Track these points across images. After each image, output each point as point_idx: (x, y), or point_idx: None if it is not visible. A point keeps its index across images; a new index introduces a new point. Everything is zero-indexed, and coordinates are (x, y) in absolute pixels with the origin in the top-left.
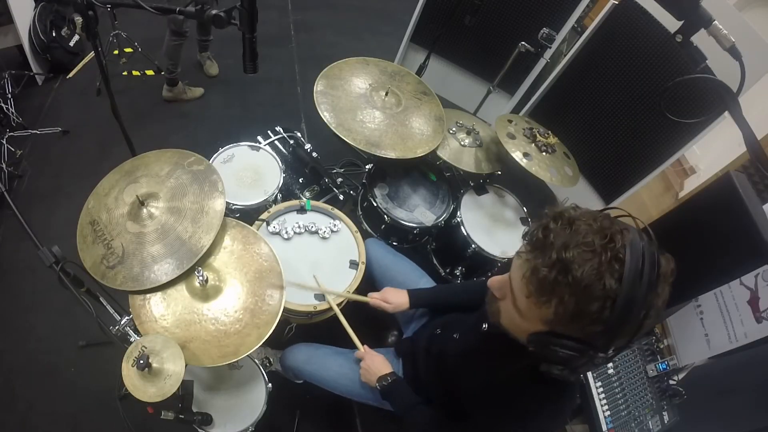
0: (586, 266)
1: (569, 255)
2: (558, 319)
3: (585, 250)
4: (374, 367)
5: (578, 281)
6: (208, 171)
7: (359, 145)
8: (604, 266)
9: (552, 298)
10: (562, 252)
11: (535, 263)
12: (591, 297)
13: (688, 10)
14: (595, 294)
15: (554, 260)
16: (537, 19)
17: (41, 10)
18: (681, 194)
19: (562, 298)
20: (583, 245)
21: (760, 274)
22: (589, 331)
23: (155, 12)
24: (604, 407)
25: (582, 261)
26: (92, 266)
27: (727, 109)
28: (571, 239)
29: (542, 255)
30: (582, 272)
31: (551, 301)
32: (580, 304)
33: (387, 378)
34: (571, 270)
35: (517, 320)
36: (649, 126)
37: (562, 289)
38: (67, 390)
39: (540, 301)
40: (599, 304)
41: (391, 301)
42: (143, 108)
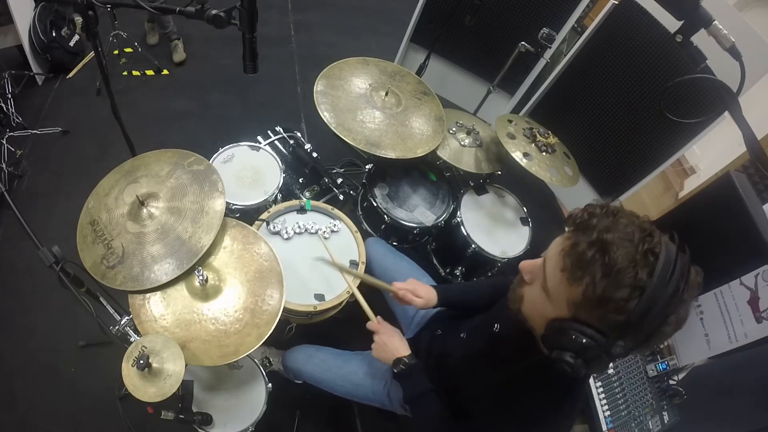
0: (623, 252)
1: (610, 237)
2: (585, 301)
3: (624, 238)
4: (391, 345)
5: (613, 263)
6: (208, 171)
7: (359, 145)
8: (639, 256)
9: (585, 275)
10: (604, 233)
11: (577, 239)
12: (621, 283)
13: (688, 10)
14: (626, 281)
15: (595, 239)
16: (537, 19)
17: (41, 10)
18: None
19: (594, 278)
20: (624, 233)
21: (760, 274)
22: (610, 320)
23: (155, 12)
24: (604, 407)
25: (620, 246)
26: (92, 266)
27: (727, 109)
28: (613, 225)
29: (584, 233)
30: (618, 256)
31: (583, 279)
32: (609, 288)
33: (404, 360)
34: (609, 251)
35: (541, 304)
36: (649, 126)
37: (596, 269)
38: (67, 390)
39: (573, 278)
40: (627, 293)
41: (422, 294)
42: (143, 108)
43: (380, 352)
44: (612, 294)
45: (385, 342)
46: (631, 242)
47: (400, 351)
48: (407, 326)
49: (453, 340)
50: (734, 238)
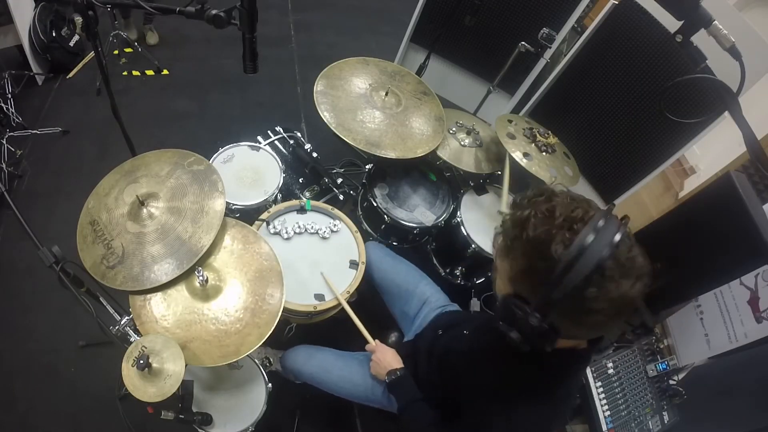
0: (539, 228)
1: (528, 214)
2: (516, 275)
3: (546, 216)
4: (385, 361)
5: (529, 240)
6: (208, 171)
7: (359, 145)
8: (557, 232)
9: (509, 253)
10: (524, 211)
11: (505, 218)
12: (539, 257)
13: (688, 10)
14: (543, 254)
15: (516, 218)
16: (537, 19)
17: (41, 10)
18: (681, 194)
19: (516, 255)
20: (547, 212)
21: (760, 274)
22: (537, 294)
23: (155, 12)
24: (604, 407)
25: (538, 223)
26: (92, 266)
27: (727, 109)
28: (538, 206)
29: (512, 214)
30: (534, 233)
31: (508, 256)
32: (529, 263)
33: (397, 372)
34: (526, 228)
35: (499, 284)
36: (649, 126)
37: (517, 246)
38: (67, 390)
39: (504, 254)
40: (545, 266)
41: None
42: (143, 108)
43: (376, 368)
44: (534, 265)
45: (380, 358)
46: (551, 219)
47: (393, 365)
48: (408, 327)
49: (456, 338)
50: (734, 238)
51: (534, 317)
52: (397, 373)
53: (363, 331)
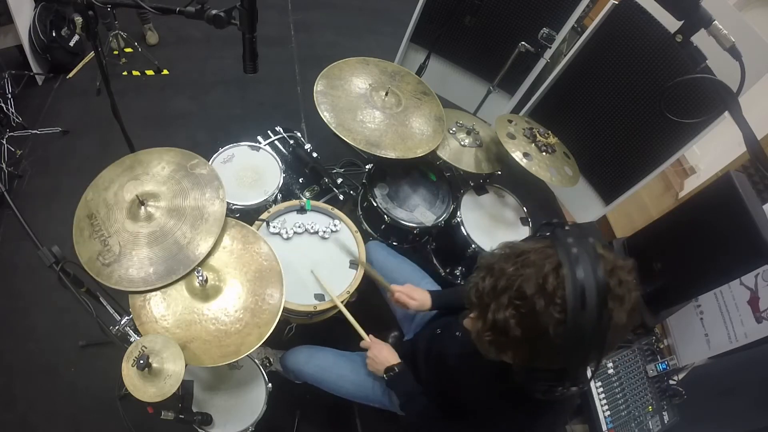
0: (525, 322)
1: (502, 316)
2: (525, 359)
3: (519, 304)
4: (381, 357)
5: (520, 337)
6: (210, 176)
7: (359, 145)
8: (541, 315)
9: (506, 351)
10: (497, 313)
11: (478, 327)
12: (540, 342)
13: (688, 10)
14: (544, 339)
15: (491, 323)
16: (537, 19)
17: (41, 10)
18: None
19: (515, 351)
20: (516, 299)
21: (760, 274)
22: (554, 364)
23: (155, 12)
24: (604, 407)
25: (518, 318)
26: (87, 261)
27: (727, 109)
28: (502, 297)
29: (482, 318)
30: (521, 329)
31: (507, 354)
32: (533, 351)
33: (394, 368)
34: (509, 330)
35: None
36: (649, 126)
37: (511, 345)
38: (67, 390)
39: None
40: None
41: (417, 297)
42: (143, 108)
43: (373, 365)
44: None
45: (376, 354)
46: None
47: (390, 361)
48: (407, 326)
49: (450, 339)
50: (734, 238)
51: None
52: (395, 369)
53: (357, 328)
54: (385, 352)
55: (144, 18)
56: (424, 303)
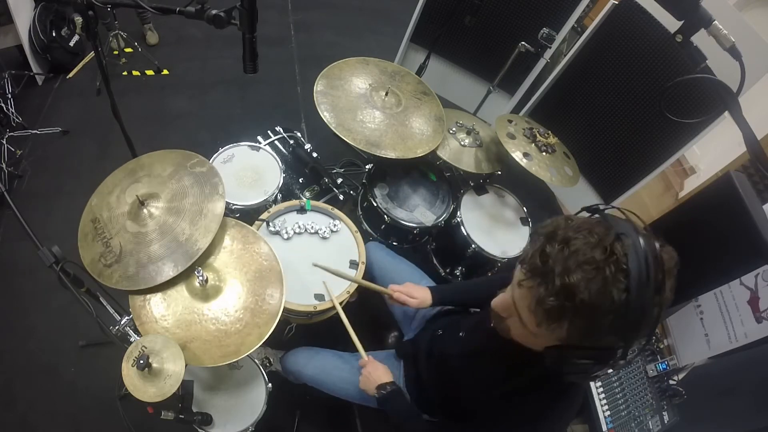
0: (592, 287)
1: (572, 280)
2: (573, 337)
3: (588, 269)
4: (374, 375)
5: (586, 303)
6: (210, 173)
7: (359, 145)
8: (610, 281)
9: (562, 322)
10: (565, 277)
11: (539, 293)
12: (601, 314)
13: (688, 10)
14: (605, 310)
15: (558, 288)
16: (537, 19)
17: (41, 10)
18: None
19: (572, 321)
20: (585, 264)
21: (760, 274)
22: (605, 341)
23: (155, 12)
24: (604, 407)
25: (586, 282)
26: (90, 263)
27: (727, 109)
28: (571, 262)
29: (544, 283)
30: (588, 294)
31: (562, 326)
32: (591, 323)
33: (386, 387)
34: (577, 294)
35: (529, 337)
36: (649, 126)
37: (571, 314)
38: (67, 390)
39: (551, 327)
40: (611, 318)
41: (416, 295)
42: (143, 108)
43: (366, 383)
44: (596, 324)
45: (370, 372)
46: (596, 270)
47: (382, 380)
48: (407, 327)
49: (452, 339)
50: (734, 238)
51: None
52: (387, 388)
53: (357, 346)
54: (380, 372)
55: (144, 18)
56: (424, 300)
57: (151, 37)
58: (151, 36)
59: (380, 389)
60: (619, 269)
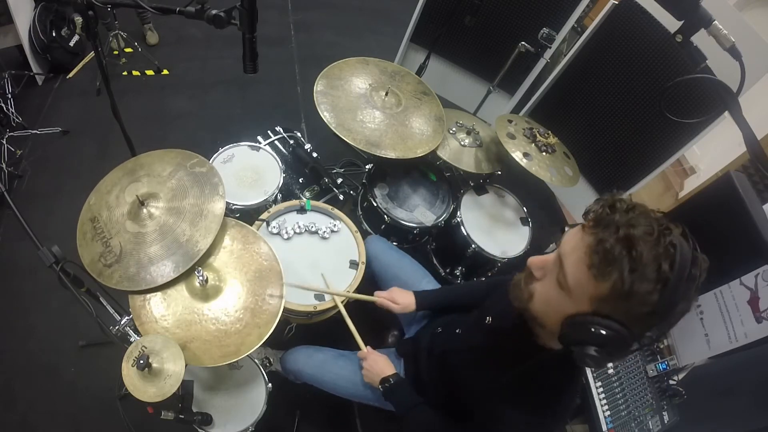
0: (647, 246)
1: (634, 232)
2: (611, 296)
3: (646, 232)
4: (377, 368)
5: (640, 258)
6: (210, 173)
7: (359, 145)
8: (662, 249)
9: (614, 271)
10: (629, 229)
11: (602, 235)
12: (646, 277)
13: (688, 10)
14: (650, 275)
15: (621, 235)
16: (537, 19)
17: (41, 10)
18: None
19: (622, 273)
20: (645, 227)
21: (760, 274)
22: (635, 312)
23: (155, 12)
24: (604, 407)
25: (644, 240)
26: (90, 263)
27: (727, 109)
28: (636, 220)
29: (608, 229)
30: (644, 250)
31: (612, 275)
32: (636, 282)
33: (390, 379)
34: (636, 246)
35: (557, 301)
36: (649, 126)
37: (624, 264)
38: (67, 390)
39: (600, 274)
40: (651, 286)
41: (399, 301)
42: (143, 108)
43: (369, 375)
44: (638, 288)
45: (372, 365)
46: (652, 236)
47: (385, 372)
48: (408, 325)
49: (451, 337)
50: (734, 238)
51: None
52: (390, 380)
53: (356, 337)
54: (381, 364)
55: (144, 18)
56: (408, 306)
57: (151, 37)
58: (151, 36)
59: (384, 382)
60: (671, 243)
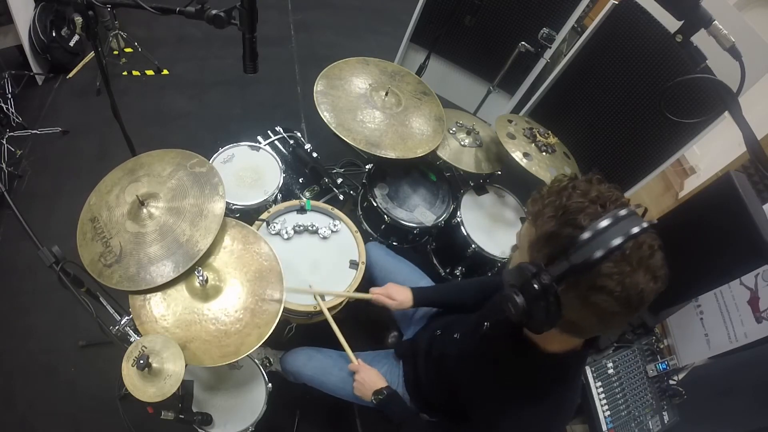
0: (575, 199)
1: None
2: (538, 239)
3: (583, 192)
4: (369, 381)
5: (563, 205)
6: (210, 174)
7: (359, 145)
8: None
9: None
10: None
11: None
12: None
13: (688, 10)
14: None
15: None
16: (537, 19)
17: (41, 10)
18: (681, 194)
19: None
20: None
21: (760, 274)
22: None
23: (155, 12)
24: (604, 407)
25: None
26: (90, 263)
27: (727, 109)
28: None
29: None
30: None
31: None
32: (557, 226)
33: (382, 392)
34: (562, 196)
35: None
36: (649, 126)
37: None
38: (67, 390)
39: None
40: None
41: (395, 297)
42: (143, 108)
43: (361, 389)
44: (559, 231)
45: (364, 378)
46: (586, 196)
47: (377, 385)
48: (406, 327)
49: (449, 340)
50: (734, 238)
51: (546, 276)
52: (383, 392)
53: (347, 350)
54: (373, 376)
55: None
56: (404, 302)
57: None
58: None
59: (377, 395)
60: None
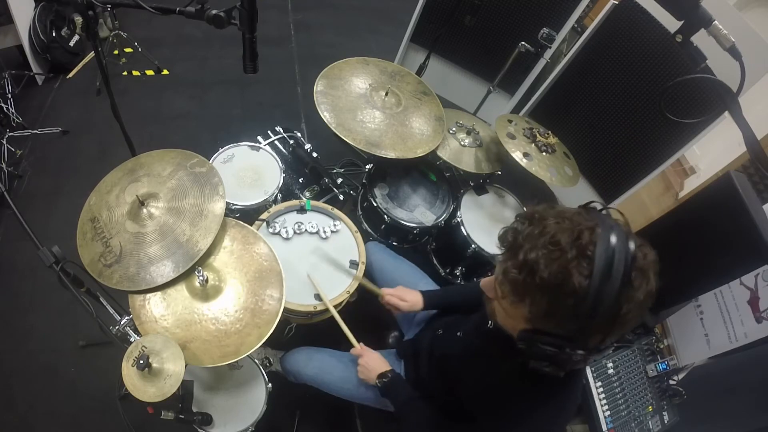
0: (553, 266)
1: (534, 256)
2: (535, 317)
3: (552, 250)
4: (372, 364)
5: (545, 282)
6: (210, 174)
7: (359, 145)
8: (573, 264)
9: (525, 298)
10: (529, 253)
11: (506, 266)
12: (562, 295)
13: (688, 10)
14: (566, 291)
15: (521, 262)
16: (537, 19)
17: (41, 10)
18: (681, 194)
19: (534, 298)
20: (550, 245)
21: (760, 274)
22: (567, 327)
23: (155, 12)
24: (604, 407)
25: (548, 261)
26: (90, 263)
27: (727, 109)
28: (537, 240)
29: (512, 257)
30: (548, 273)
31: (525, 301)
32: (552, 303)
33: (387, 374)
34: (537, 271)
35: (507, 318)
36: (649, 126)
37: (533, 290)
38: (67, 390)
39: (515, 301)
40: (572, 302)
41: (407, 299)
42: (143, 108)
43: (365, 372)
44: (557, 306)
45: (368, 362)
46: (560, 251)
47: (381, 368)
48: (408, 327)
49: (452, 339)
50: (734, 238)
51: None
52: (387, 376)
53: (348, 334)
54: (377, 360)
55: None
56: (415, 304)
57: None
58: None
59: (381, 378)
60: (583, 255)
